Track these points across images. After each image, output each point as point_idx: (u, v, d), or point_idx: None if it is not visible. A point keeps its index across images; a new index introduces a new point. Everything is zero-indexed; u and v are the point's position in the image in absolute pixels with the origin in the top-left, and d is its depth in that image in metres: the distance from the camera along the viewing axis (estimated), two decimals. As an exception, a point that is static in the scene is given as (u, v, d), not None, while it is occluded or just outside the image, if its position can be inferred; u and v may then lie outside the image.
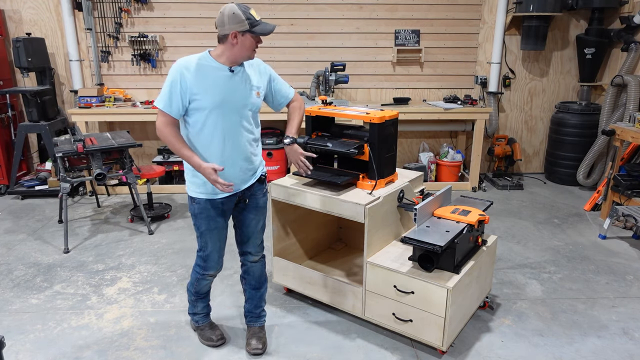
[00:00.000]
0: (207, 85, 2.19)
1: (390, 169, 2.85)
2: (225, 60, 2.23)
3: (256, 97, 2.34)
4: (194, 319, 2.72)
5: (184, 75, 2.17)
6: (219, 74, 2.22)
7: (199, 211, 2.36)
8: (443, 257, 2.46)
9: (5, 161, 5.18)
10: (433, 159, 5.59)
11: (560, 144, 5.52)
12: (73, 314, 2.97)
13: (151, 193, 4.58)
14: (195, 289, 2.60)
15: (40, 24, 5.32)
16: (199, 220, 2.38)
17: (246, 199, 2.45)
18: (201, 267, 2.51)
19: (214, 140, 2.25)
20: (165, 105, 2.20)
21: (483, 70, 5.68)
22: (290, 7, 5.33)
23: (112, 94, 5.29)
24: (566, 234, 4.18)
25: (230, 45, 2.18)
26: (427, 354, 2.58)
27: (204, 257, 2.47)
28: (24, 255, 3.78)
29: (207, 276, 2.53)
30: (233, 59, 2.23)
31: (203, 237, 2.42)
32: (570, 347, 2.65)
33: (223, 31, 2.17)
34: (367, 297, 2.68)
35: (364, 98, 5.70)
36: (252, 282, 2.63)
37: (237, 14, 2.13)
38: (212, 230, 2.39)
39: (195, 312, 2.69)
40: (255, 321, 2.69)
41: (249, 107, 2.31)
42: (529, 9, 5.14)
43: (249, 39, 2.18)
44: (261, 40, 2.25)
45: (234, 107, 2.25)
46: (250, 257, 2.58)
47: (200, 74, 2.19)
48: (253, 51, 2.23)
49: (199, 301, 2.66)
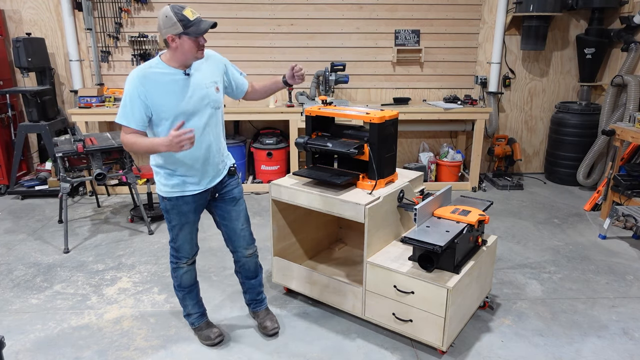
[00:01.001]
0: (165, 94, 2.16)
1: (390, 169, 2.85)
2: (176, 64, 2.19)
3: (216, 93, 2.32)
4: (189, 320, 2.72)
5: (139, 88, 2.14)
6: (174, 80, 2.18)
7: (170, 207, 2.39)
8: (443, 257, 2.46)
9: (5, 161, 5.18)
10: (433, 159, 5.59)
11: (560, 144, 5.52)
12: (73, 314, 2.97)
13: (151, 193, 4.58)
14: (177, 282, 2.60)
15: (40, 24, 5.32)
16: (171, 216, 2.42)
17: (217, 193, 2.47)
18: (174, 257, 2.56)
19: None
20: (129, 121, 2.17)
21: (483, 70, 5.68)
22: (290, 7, 5.33)
23: (112, 94, 5.29)
24: (566, 234, 4.18)
25: (173, 49, 2.15)
26: (427, 354, 2.58)
27: (176, 247, 2.52)
28: (24, 255, 3.78)
29: (181, 264, 2.55)
30: (181, 62, 2.19)
31: (174, 230, 2.46)
32: (570, 347, 2.65)
33: (162, 36, 2.14)
34: (367, 297, 2.68)
35: (364, 98, 5.70)
36: (248, 274, 2.71)
37: (170, 17, 2.08)
38: (183, 224, 2.43)
39: (188, 312, 2.69)
40: (259, 305, 2.79)
41: (211, 105, 2.29)
42: (529, 9, 5.14)
43: (187, 41, 2.12)
44: (204, 40, 2.17)
45: (196, 109, 2.24)
46: (243, 251, 2.61)
47: (156, 84, 2.15)
48: (197, 51, 2.17)
49: (187, 298, 2.65)
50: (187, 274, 2.60)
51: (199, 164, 2.32)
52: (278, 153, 5.32)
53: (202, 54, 2.21)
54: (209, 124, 2.31)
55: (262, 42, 5.41)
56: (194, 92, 2.23)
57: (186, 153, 2.21)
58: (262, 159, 5.33)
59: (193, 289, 2.66)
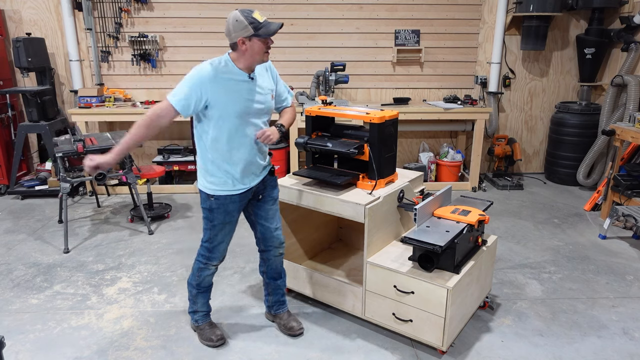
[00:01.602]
0: (231, 95, 2.24)
1: (390, 169, 2.85)
2: (242, 66, 2.27)
3: (271, 100, 2.42)
4: (194, 318, 2.71)
5: (206, 85, 2.19)
6: (239, 83, 2.27)
7: (216, 206, 2.39)
8: (443, 257, 2.46)
9: (5, 161, 5.18)
10: (433, 159, 5.59)
11: (560, 144, 5.52)
12: (73, 314, 2.97)
13: (151, 193, 4.58)
14: (197, 281, 2.60)
15: (40, 24, 5.32)
16: (214, 214, 2.41)
17: (260, 194, 2.52)
18: (205, 257, 2.53)
19: (235, 144, 2.31)
20: (178, 103, 2.20)
21: (483, 70, 5.68)
22: (290, 7, 5.33)
23: (112, 94, 5.29)
24: (566, 234, 4.18)
25: (242, 52, 2.23)
26: (427, 354, 2.58)
27: (211, 248, 2.50)
28: (24, 255, 3.78)
29: (211, 265, 2.55)
30: (248, 65, 2.27)
31: (214, 230, 2.45)
32: (570, 347, 2.65)
33: (231, 39, 2.23)
34: (367, 297, 2.68)
35: (364, 98, 5.70)
36: (274, 275, 2.74)
37: (240, 21, 2.17)
38: (226, 224, 2.44)
39: (195, 309, 2.69)
40: (282, 307, 2.82)
41: (265, 110, 2.39)
42: (529, 9, 5.14)
43: (257, 43, 2.21)
44: (271, 41, 2.27)
45: (254, 112, 2.32)
46: (275, 251, 2.65)
47: (225, 85, 2.23)
48: (265, 53, 2.26)
49: (200, 296, 2.65)
50: (211, 275, 2.61)
51: (243, 165, 2.36)
52: (278, 153, 5.31)
53: (268, 57, 2.30)
54: (260, 127, 2.38)
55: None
56: (256, 96, 2.31)
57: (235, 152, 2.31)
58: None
59: (208, 289, 2.67)
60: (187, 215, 4.63)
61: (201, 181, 2.42)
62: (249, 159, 2.38)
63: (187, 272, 3.48)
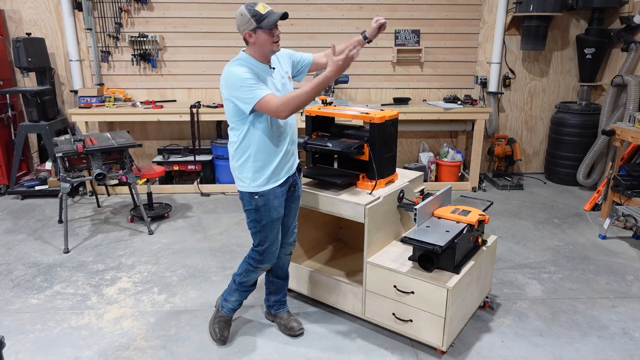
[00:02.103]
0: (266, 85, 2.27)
1: (390, 169, 2.85)
2: (259, 59, 2.30)
3: (290, 83, 2.46)
4: (222, 304, 2.71)
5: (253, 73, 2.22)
6: (267, 73, 2.32)
7: (262, 203, 2.38)
8: (443, 257, 2.46)
9: (5, 161, 5.18)
10: (433, 159, 5.59)
11: (560, 144, 5.52)
12: (73, 314, 2.97)
13: (151, 193, 4.58)
14: (241, 280, 2.60)
15: (40, 24, 5.32)
16: (261, 214, 2.40)
17: (292, 187, 2.52)
18: (256, 261, 2.52)
19: (273, 134, 2.33)
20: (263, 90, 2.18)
21: (483, 70, 5.68)
22: (290, 7, 5.33)
23: (112, 94, 5.29)
24: (566, 234, 4.18)
25: (252, 45, 2.27)
26: (427, 354, 2.58)
27: (261, 252, 2.49)
28: (24, 255, 3.78)
29: (261, 269, 2.55)
30: (262, 56, 2.30)
31: (264, 231, 2.43)
32: (570, 347, 2.65)
33: (241, 34, 2.27)
34: (367, 297, 2.68)
35: (364, 98, 5.70)
36: (280, 273, 2.76)
37: (244, 14, 2.20)
38: (274, 220, 2.43)
39: (228, 298, 2.68)
40: (283, 307, 2.83)
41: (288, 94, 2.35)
42: (529, 9, 5.14)
43: (262, 35, 2.23)
44: (278, 31, 2.28)
45: None
46: (288, 248, 2.68)
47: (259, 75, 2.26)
48: (273, 44, 2.27)
49: (238, 293, 2.65)
50: (258, 277, 2.63)
51: (281, 153, 2.37)
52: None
53: (278, 47, 2.30)
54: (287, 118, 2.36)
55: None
56: (280, 83, 2.37)
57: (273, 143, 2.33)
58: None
59: (249, 290, 2.67)
60: (187, 215, 4.63)
61: (241, 183, 2.40)
62: (286, 149, 2.40)
63: (187, 272, 3.48)
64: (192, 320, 2.89)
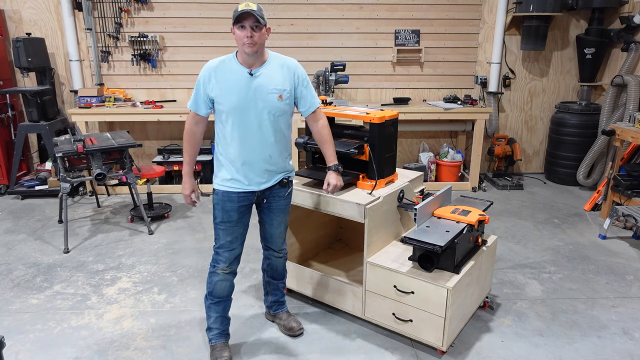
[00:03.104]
0: (226, 87, 2.26)
1: (390, 169, 2.85)
2: (241, 61, 2.28)
3: (278, 101, 2.30)
4: (209, 336, 2.56)
5: (206, 77, 2.29)
6: (238, 77, 2.26)
7: (215, 202, 2.41)
8: (443, 257, 2.46)
9: (5, 161, 5.18)
10: (433, 159, 5.59)
11: (560, 144, 5.52)
12: (73, 314, 2.97)
13: (151, 193, 4.58)
14: (209, 288, 2.48)
15: (40, 24, 5.32)
16: (216, 211, 2.42)
17: (264, 199, 2.47)
18: (213, 260, 2.47)
19: (233, 141, 2.31)
20: (192, 104, 2.36)
21: (483, 70, 5.68)
22: (290, 7, 5.33)
23: (112, 94, 5.29)
24: (566, 234, 4.18)
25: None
26: (427, 354, 2.58)
27: (216, 249, 2.46)
28: (24, 255, 3.78)
29: (218, 269, 2.44)
30: (244, 58, 2.27)
31: (217, 229, 2.42)
32: (570, 347, 2.65)
33: None
34: (367, 297, 2.68)
35: (364, 98, 5.70)
36: (275, 275, 2.74)
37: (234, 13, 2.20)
38: (225, 222, 2.39)
39: (209, 326, 2.54)
40: (281, 308, 2.83)
41: (267, 110, 2.29)
42: (529, 9, 5.14)
43: (236, 32, 2.20)
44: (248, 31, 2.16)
45: (251, 110, 2.27)
46: (273, 252, 2.67)
47: (222, 75, 2.27)
48: (245, 44, 2.17)
49: (213, 307, 2.50)
50: (222, 282, 2.46)
51: (239, 163, 2.33)
52: (278, 153, 5.31)
53: (249, 48, 2.18)
54: (262, 128, 2.30)
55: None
56: (255, 93, 2.27)
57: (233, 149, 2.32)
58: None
59: (222, 302, 2.51)
60: (187, 215, 4.63)
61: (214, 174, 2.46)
62: (249, 159, 2.32)
63: (187, 272, 3.48)
64: (192, 320, 2.89)
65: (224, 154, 2.35)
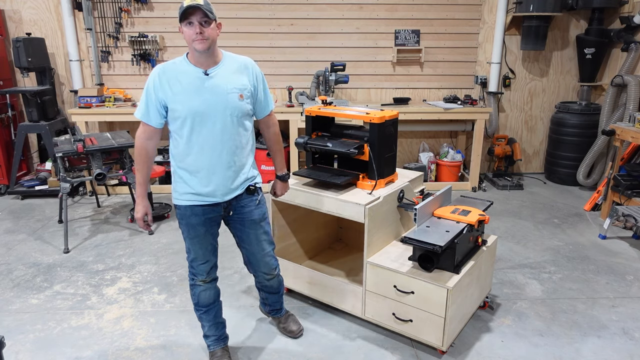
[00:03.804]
0: (181, 91, 2.08)
1: (390, 169, 2.85)
2: (194, 61, 2.11)
3: (239, 100, 2.14)
4: (206, 342, 2.51)
5: (157, 82, 2.09)
6: (192, 78, 2.09)
7: (180, 217, 2.27)
8: (443, 257, 2.46)
9: (5, 161, 5.18)
10: (433, 159, 5.59)
11: (560, 144, 5.52)
12: (73, 314, 2.97)
13: (151, 193, 4.57)
14: (195, 300, 2.40)
15: (40, 24, 5.32)
16: (182, 227, 2.29)
17: (231, 210, 2.30)
18: (191, 273, 2.37)
19: (192, 149, 2.14)
20: (143, 114, 2.17)
21: (483, 70, 5.68)
22: (290, 7, 5.33)
23: (112, 94, 5.29)
24: (566, 234, 4.18)
25: None
26: (427, 354, 2.58)
27: (191, 263, 2.35)
28: (24, 255, 3.78)
29: (197, 281, 2.36)
30: (195, 58, 2.10)
31: (187, 243, 2.31)
32: (570, 347, 2.65)
33: None
34: (367, 297, 2.68)
35: (364, 98, 5.70)
36: (271, 290, 2.65)
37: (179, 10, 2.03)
38: (192, 238, 2.26)
39: (205, 333, 2.49)
40: (278, 313, 2.78)
41: (229, 111, 2.12)
42: (529, 9, 5.14)
43: (184, 29, 2.03)
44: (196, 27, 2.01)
45: (211, 112, 2.10)
46: (265, 276, 2.51)
47: (173, 79, 2.08)
48: (195, 41, 2.01)
49: (203, 318, 2.44)
50: (205, 292, 2.37)
51: (204, 171, 2.16)
52: (278, 153, 5.31)
53: (200, 45, 2.02)
54: (223, 132, 2.13)
55: (262, 42, 5.41)
56: (213, 93, 2.09)
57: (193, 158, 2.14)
58: (262, 159, 5.32)
59: (212, 309, 2.42)
60: (187, 215, 4.62)
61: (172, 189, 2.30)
62: (210, 167, 2.15)
63: (187, 272, 3.47)
64: (192, 320, 2.89)
65: (182, 165, 2.18)
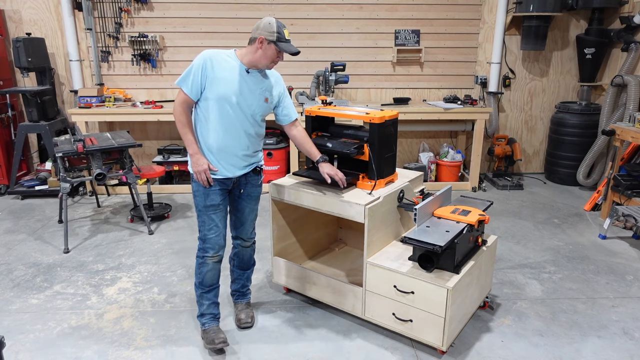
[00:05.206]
0: (222, 77, 2.36)
1: (390, 169, 2.85)
2: (246, 62, 2.41)
3: (264, 103, 2.50)
4: (201, 321, 2.66)
5: (207, 63, 2.36)
6: (235, 70, 2.40)
7: (196, 188, 2.51)
8: (443, 257, 2.46)
9: (5, 161, 5.18)
10: (433, 159, 5.59)
11: (560, 144, 5.52)
12: (73, 314, 2.97)
13: (151, 193, 4.58)
14: (199, 279, 2.61)
15: (40, 24, 5.32)
16: (197, 198, 2.51)
17: (241, 188, 2.61)
18: (201, 250, 2.58)
19: (216, 128, 2.41)
20: (186, 85, 2.39)
21: (483, 70, 5.68)
22: (290, 7, 5.33)
23: (112, 94, 5.29)
24: (566, 234, 4.18)
25: (255, 48, 2.38)
26: (427, 354, 2.58)
27: (202, 238, 2.56)
28: (24, 255, 3.78)
29: (207, 258, 2.57)
30: (253, 63, 2.41)
31: (201, 216, 2.53)
32: (570, 347, 2.65)
33: (254, 34, 2.39)
34: (367, 297, 2.68)
35: (364, 98, 5.70)
36: (241, 264, 2.84)
37: (272, 25, 2.36)
38: (208, 207, 2.51)
39: (202, 312, 2.65)
40: (242, 298, 2.91)
41: (253, 108, 2.46)
42: (529, 9, 5.14)
43: (272, 50, 2.36)
44: (282, 57, 2.43)
45: (240, 104, 2.40)
46: (242, 242, 2.77)
47: (220, 66, 2.37)
48: (272, 62, 2.41)
49: (204, 296, 2.64)
50: (211, 272, 2.61)
51: (216, 149, 2.44)
52: (278, 153, 5.32)
53: (272, 67, 2.47)
54: (246, 121, 2.45)
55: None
56: (247, 89, 2.42)
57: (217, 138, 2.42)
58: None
59: (213, 289, 2.66)
60: (187, 215, 4.63)
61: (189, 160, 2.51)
62: (229, 149, 2.45)
63: (187, 272, 3.48)
64: (192, 320, 2.89)
65: (202, 138, 2.45)
